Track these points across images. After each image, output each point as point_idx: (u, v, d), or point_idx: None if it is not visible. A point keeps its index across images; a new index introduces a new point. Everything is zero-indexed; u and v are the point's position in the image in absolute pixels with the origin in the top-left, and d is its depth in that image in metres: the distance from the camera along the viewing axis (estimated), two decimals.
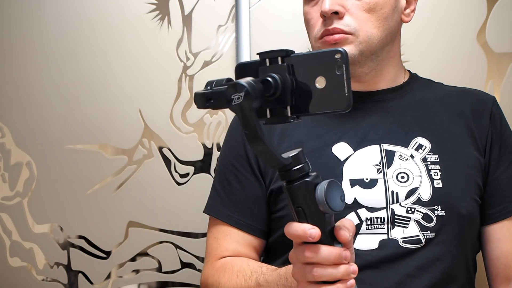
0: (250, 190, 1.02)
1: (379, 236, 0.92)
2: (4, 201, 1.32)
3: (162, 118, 1.31)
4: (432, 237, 0.92)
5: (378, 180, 0.94)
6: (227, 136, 1.09)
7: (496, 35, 1.31)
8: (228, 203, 1.04)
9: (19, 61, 1.32)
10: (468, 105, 1.03)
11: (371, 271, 0.90)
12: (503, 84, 1.31)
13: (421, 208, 0.93)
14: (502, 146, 1.01)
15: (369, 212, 0.92)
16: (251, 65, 0.63)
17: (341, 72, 0.59)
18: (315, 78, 0.60)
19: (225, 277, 0.97)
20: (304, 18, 1.02)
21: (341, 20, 0.95)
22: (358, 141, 0.98)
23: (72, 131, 1.31)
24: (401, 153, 0.97)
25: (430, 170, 0.95)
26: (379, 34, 0.98)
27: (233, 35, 1.32)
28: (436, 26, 1.31)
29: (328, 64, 0.60)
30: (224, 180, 1.05)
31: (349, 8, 0.96)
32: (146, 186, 1.31)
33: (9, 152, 1.32)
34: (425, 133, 0.98)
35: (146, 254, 1.31)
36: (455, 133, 1.00)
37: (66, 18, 1.32)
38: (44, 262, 1.31)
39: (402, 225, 0.92)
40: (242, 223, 1.02)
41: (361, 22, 0.96)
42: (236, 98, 0.57)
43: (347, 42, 0.96)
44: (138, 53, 1.32)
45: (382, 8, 0.97)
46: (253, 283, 0.90)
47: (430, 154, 0.97)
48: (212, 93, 0.60)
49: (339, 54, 0.59)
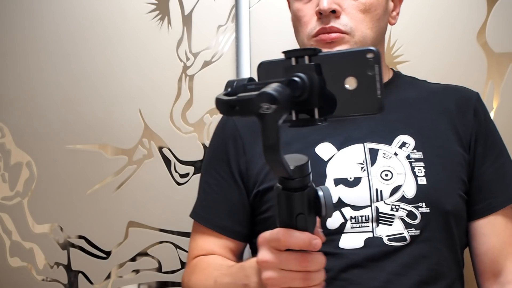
0: (230, 194, 1.03)
1: (364, 234, 0.91)
2: (4, 201, 1.32)
3: (162, 118, 1.31)
4: (417, 234, 0.92)
5: (362, 178, 0.94)
6: (211, 139, 1.11)
7: (496, 35, 1.31)
8: (207, 206, 1.05)
9: (19, 61, 1.32)
10: (452, 101, 1.03)
11: (357, 270, 0.90)
12: (503, 84, 1.31)
13: (406, 205, 0.92)
14: (486, 142, 1.01)
15: (353, 211, 0.92)
16: (275, 64, 0.60)
17: (373, 72, 0.56)
18: (344, 79, 0.57)
19: (195, 275, 0.99)
20: (295, 15, 1.01)
21: (338, 19, 0.95)
22: (342, 140, 0.98)
23: (72, 131, 1.31)
24: (385, 151, 0.96)
25: (414, 168, 0.95)
26: (372, 35, 0.98)
27: (233, 35, 1.32)
28: (436, 26, 1.31)
29: (359, 64, 0.57)
30: (205, 183, 1.07)
31: (345, 7, 0.96)
32: (146, 186, 1.31)
33: (9, 152, 1.32)
34: (408, 131, 0.98)
35: (146, 254, 1.31)
36: (439, 129, 1.00)
37: (66, 18, 1.32)
38: (44, 262, 1.31)
39: (387, 223, 0.92)
40: (220, 226, 1.03)
41: (357, 22, 0.96)
42: (265, 108, 0.54)
43: (343, 41, 0.96)
44: (138, 53, 1.32)
45: (376, 9, 0.98)
46: (212, 281, 0.91)
47: (414, 152, 0.97)
48: (238, 101, 0.56)
49: (371, 53, 0.56)
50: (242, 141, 1.03)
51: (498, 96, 1.30)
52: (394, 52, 1.31)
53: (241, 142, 1.03)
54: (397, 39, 1.31)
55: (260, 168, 1.00)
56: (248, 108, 0.55)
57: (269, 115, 0.54)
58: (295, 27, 1.03)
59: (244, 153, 1.02)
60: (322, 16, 0.96)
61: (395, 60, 1.31)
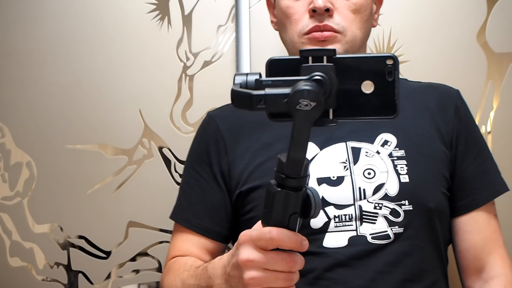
0: (210, 194, 1.03)
1: (348, 233, 0.92)
2: (4, 201, 1.32)
3: (162, 118, 1.31)
4: (401, 232, 0.92)
5: (345, 177, 0.94)
6: (193, 140, 1.11)
7: (496, 35, 1.31)
8: (187, 207, 1.05)
9: (19, 61, 1.32)
10: (433, 99, 1.03)
11: (342, 269, 0.90)
12: (503, 84, 1.31)
13: (389, 203, 0.93)
14: (467, 139, 1.02)
15: (337, 210, 0.92)
16: (285, 62, 0.59)
17: (392, 78, 0.57)
18: (361, 82, 0.58)
19: (167, 275, 0.99)
20: (284, 12, 1.00)
21: (331, 18, 0.96)
22: (324, 140, 0.98)
23: (72, 131, 1.31)
24: (367, 150, 0.97)
25: (396, 166, 0.95)
26: (361, 36, 0.99)
27: (233, 35, 1.32)
28: (436, 26, 1.31)
29: (378, 69, 0.58)
30: (185, 184, 1.07)
31: (337, 7, 0.97)
32: (146, 186, 1.31)
33: (9, 152, 1.32)
34: (390, 129, 0.98)
35: (146, 254, 1.31)
36: (421, 127, 1.00)
37: (66, 18, 1.32)
38: (44, 262, 1.31)
39: (370, 221, 0.92)
40: (200, 226, 1.03)
41: (348, 22, 0.97)
42: (304, 104, 0.54)
43: (335, 40, 0.96)
44: (138, 53, 1.32)
45: (365, 10, 0.99)
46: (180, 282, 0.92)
47: (396, 150, 0.97)
48: (266, 95, 0.55)
49: (391, 60, 0.57)
50: (224, 142, 1.03)
51: (498, 96, 1.30)
52: (394, 52, 1.31)
53: (223, 143, 1.03)
54: (397, 39, 1.31)
55: (242, 169, 1.00)
56: (279, 104, 0.55)
57: (306, 112, 0.54)
58: (282, 24, 1.02)
59: (226, 154, 1.02)
60: (315, 14, 0.96)
61: None
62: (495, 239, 1.00)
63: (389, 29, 1.31)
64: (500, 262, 0.99)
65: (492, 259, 0.99)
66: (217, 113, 1.10)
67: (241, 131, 1.04)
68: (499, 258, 0.99)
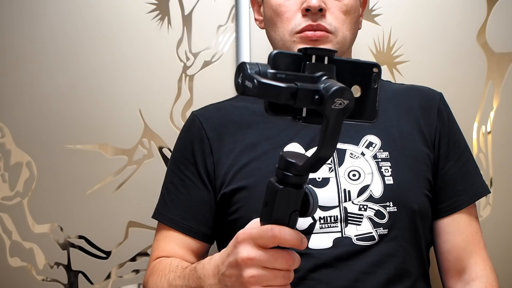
0: (196, 194, 1.02)
1: (333, 234, 0.92)
2: (4, 201, 1.32)
3: (162, 118, 1.31)
4: (385, 233, 0.93)
5: (330, 178, 0.95)
6: (177, 140, 1.10)
7: (496, 35, 1.31)
8: (172, 207, 1.04)
9: (19, 61, 1.32)
10: (416, 102, 1.04)
11: (326, 270, 0.91)
12: (503, 84, 1.31)
13: (373, 205, 0.93)
14: (450, 141, 1.02)
15: (322, 211, 0.93)
16: (290, 57, 0.59)
17: (376, 85, 0.60)
18: (351, 86, 0.60)
19: (152, 276, 0.98)
20: (275, 10, 1.00)
21: (324, 18, 0.96)
22: (310, 140, 0.98)
23: (72, 131, 1.31)
24: (352, 151, 0.97)
25: (381, 167, 0.96)
26: (350, 37, 1.00)
27: (233, 35, 1.32)
28: (436, 26, 1.31)
29: (366, 76, 0.60)
30: (170, 183, 1.06)
31: (329, 7, 0.97)
32: (146, 186, 1.31)
33: (9, 152, 1.32)
34: (375, 131, 0.99)
35: (146, 254, 1.31)
36: (405, 129, 1.01)
37: (66, 18, 1.32)
38: (44, 262, 1.31)
39: (355, 222, 0.92)
40: (185, 226, 1.02)
41: (339, 23, 0.98)
42: (338, 103, 0.54)
43: (327, 40, 0.97)
44: (138, 53, 1.32)
45: (354, 12, 1.00)
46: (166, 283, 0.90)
47: (381, 151, 0.97)
48: (302, 90, 0.54)
49: (377, 68, 0.60)
50: (209, 142, 1.03)
51: (498, 96, 1.30)
52: (394, 52, 1.31)
53: (208, 143, 1.03)
54: (397, 39, 1.31)
55: (227, 169, 0.99)
56: (310, 100, 0.54)
57: (341, 111, 0.54)
58: (271, 22, 1.01)
59: (212, 153, 1.02)
60: (308, 13, 0.96)
61: (395, 60, 1.31)
62: (476, 241, 1.01)
63: (389, 29, 1.31)
64: (481, 264, 1.00)
65: (473, 261, 1.00)
66: (201, 112, 1.09)
67: (225, 131, 1.03)
68: (480, 260, 1.00)
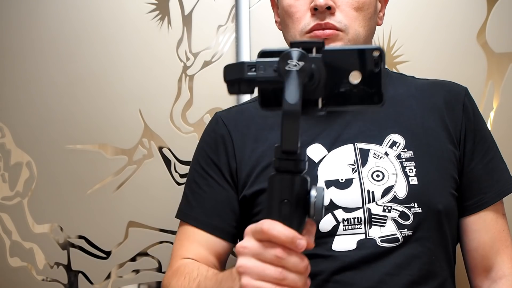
0: (219, 193, 1.01)
1: (356, 236, 0.91)
2: (4, 201, 1.32)
3: (162, 118, 1.31)
4: (410, 235, 0.91)
5: (353, 180, 0.93)
6: (200, 140, 1.09)
7: (496, 35, 1.31)
8: (196, 206, 1.03)
9: (19, 61, 1.32)
10: (440, 97, 1.02)
11: (350, 272, 0.90)
12: (503, 84, 1.31)
13: (398, 206, 0.92)
14: (476, 137, 1.01)
15: (345, 213, 0.92)
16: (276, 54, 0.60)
17: (378, 69, 0.60)
18: (349, 73, 0.60)
19: (175, 278, 0.96)
20: (286, 11, 1.00)
21: (333, 16, 0.95)
22: (332, 141, 0.97)
23: (72, 131, 1.31)
24: (376, 151, 0.96)
25: (405, 167, 0.94)
26: (364, 34, 0.98)
27: (233, 35, 1.32)
28: (436, 26, 1.31)
29: (365, 61, 0.60)
30: (193, 183, 1.05)
31: (339, 4, 0.96)
32: (146, 186, 1.31)
33: (9, 152, 1.32)
34: (398, 129, 0.98)
35: (146, 254, 1.31)
36: (429, 127, 0.99)
37: (66, 17, 1.32)
38: (44, 262, 1.31)
39: (379, 224, 0.91)
40: (208, 224, 1.01)
41: (351, 20, 0.96)
42: (292, 65, 0.57)
43: (337, 38, 0.96)
44: (138, 53, 1.32)
45: (368, 8, 0.98)
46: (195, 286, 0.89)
47: (405, 151, 0.96)
48: (258, 62, 0.59)
49: (378, 52, 0.60)
50: (232, 143, 1.02)
51: (498, 96, 1.30)
52: (394, 52, 1.31)
53: (232, 144, 1.02)
54: (397, 39, 1.31)
55: (249, 171, 0.99)
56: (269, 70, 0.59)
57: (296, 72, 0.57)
58: (284, 23, 1.02)
59: (235, 154, 1.02)
60: (317, 12, 0.95)
61: (395, 60, 1.31)
62: (503, 239, 1.00)
63: (389, 29, 1.31)
64: (508, 262, 0.99)
65: (500, 258, 0.99)
66: (225, 114, 1.09)
67: (248, 132, 1.03)
68: (506, 258, 0.99)
